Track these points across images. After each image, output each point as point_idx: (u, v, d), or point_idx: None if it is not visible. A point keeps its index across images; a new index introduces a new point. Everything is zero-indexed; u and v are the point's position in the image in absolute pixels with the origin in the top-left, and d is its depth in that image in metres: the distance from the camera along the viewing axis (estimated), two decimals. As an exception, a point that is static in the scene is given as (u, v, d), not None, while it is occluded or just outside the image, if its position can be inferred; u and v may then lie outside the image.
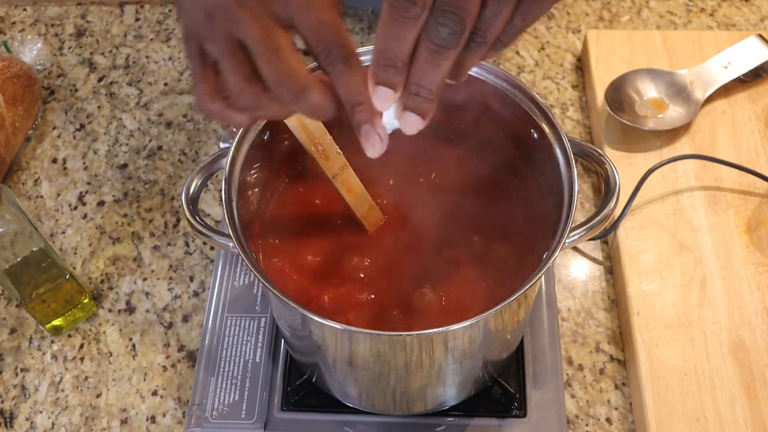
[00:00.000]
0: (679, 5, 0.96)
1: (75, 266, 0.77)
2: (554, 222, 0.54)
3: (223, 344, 0.69)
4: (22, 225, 0.62)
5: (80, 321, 0.73)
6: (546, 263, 0.50)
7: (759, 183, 0.76)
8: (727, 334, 0.68)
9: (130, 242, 0.79)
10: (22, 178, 0.84)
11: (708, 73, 0.82)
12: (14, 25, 0.98)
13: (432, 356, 0.53)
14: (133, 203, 0.81)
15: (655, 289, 0.70)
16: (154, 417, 0.68)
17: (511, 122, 0.59)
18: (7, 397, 0.69)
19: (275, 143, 0.59)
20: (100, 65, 0.93)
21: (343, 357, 0.55)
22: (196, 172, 0.56)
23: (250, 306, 0.71)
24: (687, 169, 0.77)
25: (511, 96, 0.58)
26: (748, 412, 0.64)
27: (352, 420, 0.65)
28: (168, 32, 0.96)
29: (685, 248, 0.72)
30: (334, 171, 0.58)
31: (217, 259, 0.74)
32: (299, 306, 0.48)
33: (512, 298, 0.48)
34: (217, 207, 0.81)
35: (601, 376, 0.69)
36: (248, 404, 0.65)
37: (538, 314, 0.70)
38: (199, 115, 0.88)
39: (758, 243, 0.73)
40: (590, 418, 0.67)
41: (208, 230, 0.54)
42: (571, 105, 0.88)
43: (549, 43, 0.93)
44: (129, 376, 0.70)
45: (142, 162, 0.85)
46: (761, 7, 0.96)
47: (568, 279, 0.75)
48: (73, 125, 0.88)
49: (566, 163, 0.54)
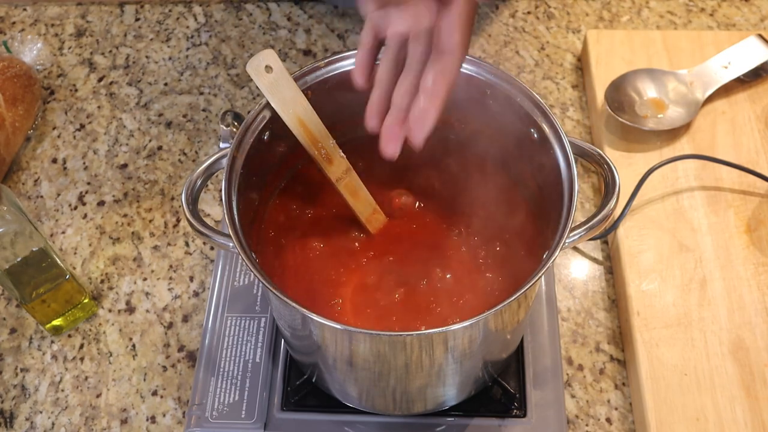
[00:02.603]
0: (679, 5, 0.96)
1: (75, 266, 0.77)
2: (554, 222, 0.54)
3: (223, 344, 0.69)
4: (22, 225, 0.62)
5: (80, 321, 0.73)
6: (546, 263, 0.50)
7: (759, 183, 0.76)
8: (727, 334, 0.68)
9: (130, 242, 0.79)
10: (22, 178, 0.84)
11: (708, 73, 0.82)
12: (14, 25, 0.98)
13: (432, 356, 0.53)
14: (133, 203, 0.81)
15: (655, 289, 0.70)
16: (154, 417, 0.68)
17: (511, 122, 0.59)
18: (7, 397, 0.69)
19: (275, 144, 0.59)
20: (100, 65, 0.93)
21: (343, 357, 0.55)
22: (196, 172, 0.56)
23: (250, 306, 0.71)
24: (687, 169, 0.77)
25: (511, 96, 0.58)
26: (748, 412, 0.64)
27: (352, 420, 0.65)
28: (168, 32, 0.96)
29: (685, 248, 0.72)
30: (337, 174, 0.58)
31: (217, 259, 0.74)
32: (299, 306, 0.48)
33: (512, 298, 0.48)
34: (217, 207, 0.81)
35: (601, 376, 0.69)
36: (248, 404, 0.65)
37: (538, 314, 0.70)
38: (199, 115, 0.88)
39: (758, 243, 0.73)
40: (590, 418, 0.67)
41: (208, 230, 0.54)
42: (571, 105, 0.88)
43: (549, 43, 0.93)
44: (129, 376, 0.71)
45: (142, 162, 0.85)
46: (761, 7, 0.96)
47: (568, 279, 0.75)
48: (73, 125, 0.88)
49: (566, 163, 0.54)
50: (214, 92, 0.90)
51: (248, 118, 0.57)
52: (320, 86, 0.59)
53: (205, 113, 0.89)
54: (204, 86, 0.91)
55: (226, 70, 0.92)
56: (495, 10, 0.97)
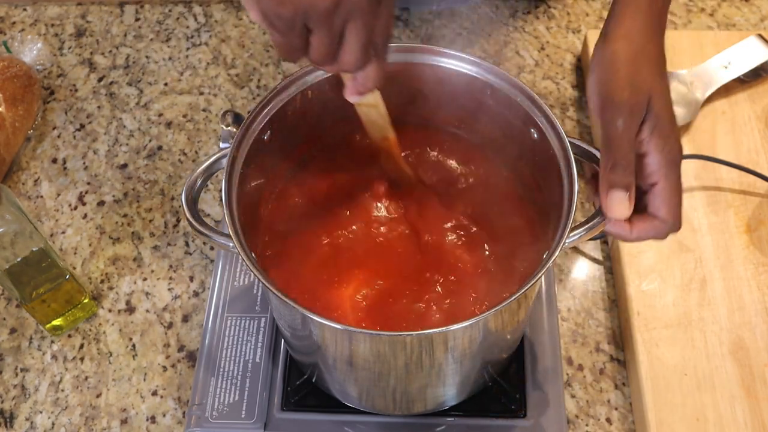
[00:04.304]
0: (679, 5, 0.96)
1: (75, 266, 0.77)
2: (554, 222, 0.54)
3: (223, 344, 0.69)
4: (22, 225, 0.62)
5: (80, 321, 0.73)
6: (546, 263, 0.50)
7: (759, 183, 0.76)
8: (727, 334, 0.68)
9: (130, 242, 0.79)
10: (22, 178, 0.84)
11: (708, 73, 0.82)
12: (14, 25, 0.98)
13: (432, 356, 0.53)
14: (133, 203, 0.81)
15: (655, 289, 0.70)
16: (154, 417, 0.68)
17: (511, 122, 0.59)
18: (7, 397, 0.69)
19: (275, 143, 0.59)
20: (100, 65, 0.93)
21: (343, 357, 0.55)
22: (196, 172, 0.56)
23: (250, 306, 0.71)
24: (687, 169, 0.77)
25: (511, 96, 0.57)
26: (748, 412, 0.64)
27: (352, 420, 0.65)
28: (168, 32, 0.96)
29: (685, 248, 0.72)
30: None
31: (217, 259, 0.74)
32: (299, 306, 0.48)
33: (512, 298, 0.48)
34: (217, 207, 0.81)
35: (601, 376, 0.69)
36: (248, 404, 0.65)
37: (538, 314, 0.70)
38: (199, 115, 0.88)
39: (758, 243, 0.73)
40: (590, 418, 0.67)
41: (208, 230, 0.54)
42: (571, 105, 0.88)
43: (549, 43, 0.93)
44: (129, 376, 0.71)
45: (142, 162, 0.85)
46: (761, 7, 0.96)
47: (568, 279, 0.75)
48: (73, 125, 0.88)
49: (566, 163, 0.54)
50: (214, 92, 0.90)
51: (248, 118, 0.57)
52: (320, 86, 0.59)
53: (205, 113, 0.89)
54: (204, 86, 0.91)
55: (226, 70, 0.92)
56: (495, 10, 0.97)
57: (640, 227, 0.52)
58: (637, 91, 0.50)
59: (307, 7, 0.44)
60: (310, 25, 0.45)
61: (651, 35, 0.54)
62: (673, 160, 0.50)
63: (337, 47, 0.47)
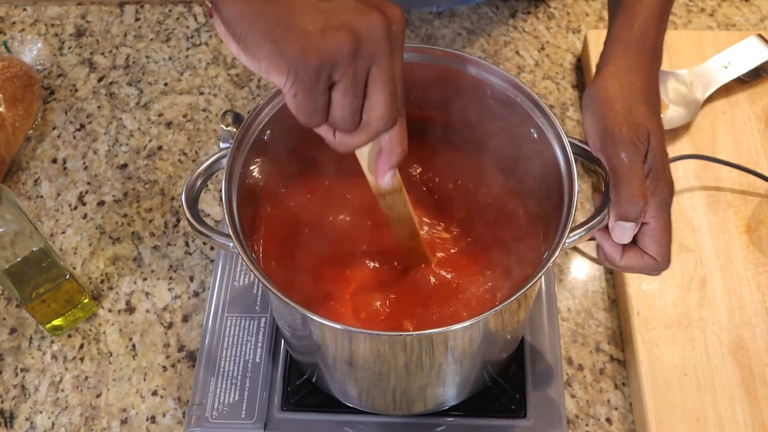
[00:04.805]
0: (679, 5, 0.96)
1: (75, 266, 0.77)
2: (554, 222, 0.54)
3: (223, 344, 0.69)
4: (22, 225, 0.62)
5: (80, 321, 0.73)
6: (546, 263, 0.50)
7: (759, 183, 0.76)
8: (727, 334, 0.68)
9: (130, 242, 0.79)
10: (22, 178, 0.84)
11: (708, 73, 0.82)
12: (14, 25, 0.98)
13: (432, 356, 0.53)
14: (133, 203, 0.81)
15: (655, 289, 0.70)
16: (154, 417, 0.68)
17: (511, 122, 0.59)
18: (7, 397, 0.69)
19: (275, 143, 0.59)
20: (100, 65, 0.93)
21: (343, 357, 0.55)
22: (196, 172, 0.56)
23: (250, 306, 0.71)
24: (687, 169, 0.77)
25: (511, 96, 0.57)
26: (748, 412, 0.64)
27: (352, 420, 0.65)
28: (168, 32, 0.96)
29: (685, 248, 0.72)
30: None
31: (217, 259, 0.74)
32: (299, 306, 0.48)
33: (512, 298, 0.48)
34: (217, 207, 0.81)
35: (601, 376, 0.69)
36: (248, 404, 0.65)
37: (538, 314, 0.70)
38: (199, 115, 0.88)
39: (758, 243, 0.73)
40: (590, 418, 0.67)
41: (208, 230, 0.54)
42: (571, 105, 0.88)
43: (549, 43, 0.93)
44: (129, 376, 0.70)
45: (142, 162, 0.85)
46: (761, 7, 0.96)
47: (568, 279, 0.75)
48: (73, 125, 0.88)
49: (566, 163, 0.54)
50: (214, 92, 0.90)
51: (248, 118, 0.57)
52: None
53: (205, 113, 0.89)
54: (204, 86, 0.91)
55: (226, 70, 0.92)
56: (495, 10, 0.97)
57: (630, 257, 0.53)
58: (635, 127, 0.52)
59: (333, 51, 0.41)
60: (335, 75, 0.42)
61: (640, 73, 0.55)
62: (664, 201, 0.52)
63: (362, 102, 0.43)
